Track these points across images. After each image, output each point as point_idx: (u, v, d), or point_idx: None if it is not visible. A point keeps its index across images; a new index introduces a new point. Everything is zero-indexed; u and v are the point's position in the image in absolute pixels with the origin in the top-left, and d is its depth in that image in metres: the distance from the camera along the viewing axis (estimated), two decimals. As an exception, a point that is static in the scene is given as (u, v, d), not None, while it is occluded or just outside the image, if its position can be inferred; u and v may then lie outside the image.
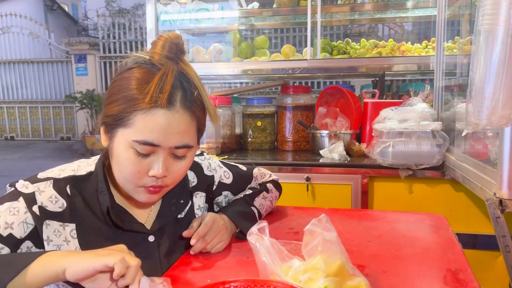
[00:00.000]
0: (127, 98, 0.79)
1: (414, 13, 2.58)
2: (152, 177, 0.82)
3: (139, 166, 0.81)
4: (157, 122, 0.78)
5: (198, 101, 0.84)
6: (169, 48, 0.82)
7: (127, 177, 0.83)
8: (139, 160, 0.80)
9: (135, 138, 0.79)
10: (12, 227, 0.78)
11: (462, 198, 1.76)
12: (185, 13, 2.53)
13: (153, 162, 0.81)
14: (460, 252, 0.96)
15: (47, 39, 10.94)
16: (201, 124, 0.86)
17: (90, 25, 15.26)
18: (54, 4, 15.64)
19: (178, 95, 0.80)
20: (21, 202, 0.80)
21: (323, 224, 0.72)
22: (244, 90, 3.02)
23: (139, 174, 0.82)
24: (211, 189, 1.10)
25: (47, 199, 0.83)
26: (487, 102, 1.01)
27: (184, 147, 0.83)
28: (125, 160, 0.81)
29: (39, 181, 0.84)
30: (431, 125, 1.73)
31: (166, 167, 0.82)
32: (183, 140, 0.82)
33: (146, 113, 0.78)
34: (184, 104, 0.81)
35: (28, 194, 0.82)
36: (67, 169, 0.89)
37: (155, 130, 0.78)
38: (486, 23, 1.01)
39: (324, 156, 2.00)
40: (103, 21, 10.51)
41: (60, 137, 11.11)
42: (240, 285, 0.65)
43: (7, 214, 0.78)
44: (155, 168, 0.81)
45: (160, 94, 0.78)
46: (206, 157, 1.13)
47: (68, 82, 10.93)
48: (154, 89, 0.78)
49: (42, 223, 0.81)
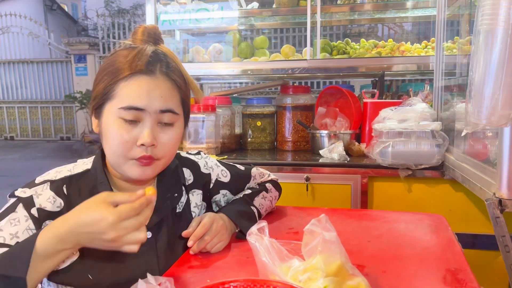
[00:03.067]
0: (110, 73, 0.84)
1: (414, 13, 2.58)
2: (141, 147, 0.84)
3: (127, 136, 0.83)
4: (139, 86, 0.83)
5: (177, 72, 0.89)
6: (148, 34, 0.89)
7: (117, 150, 0.84)
8: (127, 129, 0.83)
9: (120, 106, 0.83)
10: (18, 236, 0.80)
11: (461, 198, 1.76)
12: (184, 13, 2.53)
13: (141, 131, 0.84)
14: (459, 252, 0.96)
15: (47, 39, 10.94)
16: (184, 95, 0.90)
17: (89, 25, 15.25)
18: (54, 4, 15.63)
19: (157, 64, 0.85)
20: (19, 212, 0.82)
21: (323, 224, 0.72)
22: (244, 90, 3.03)
23: (128, 144, 0.83)
24: (208, 187, 1.10)
25: (45, 200, 0.85)
26: (486, 102, 1.01)
27: (169, 112, 0.86)
28: (114, 132, 0.83)
29: (36, 185, 0.87)
30: (431, 125, 1.73)
31: (153, 135, 0.84)
32: (167, 105, 0.85)
33: (128, 80, 0.83)
34: (163, 71, 0.86)
35: (26, 198, 0.84)
36: (63, 170, 0.92)
37: (138, 94, 0.83)
38: (485, 23, 1.01)
39: (323, 156, 2.00)
40: (103, 21, 10.50)
41: (60, 137, 11.09)
42: (239, 285, 0.65)
43: (8, 227, 0.80)
44: (143, 136, 0.83)
45: (139, 62, 0.83)
46: (203, 156, 1.14)
47: (68, 82, 10.92)
48: (133, 58, 0.84)
49: (42, 224, 0.83)
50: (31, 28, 10.90)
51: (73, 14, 17.56)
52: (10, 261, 0.71)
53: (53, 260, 0.73)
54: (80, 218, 0.71)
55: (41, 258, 0.71)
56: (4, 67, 11.19)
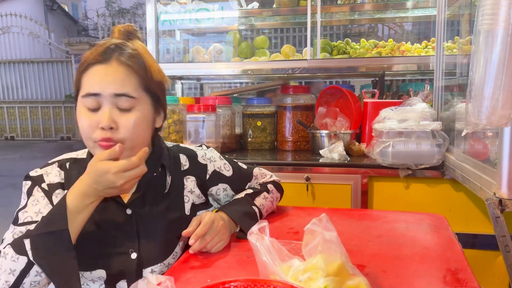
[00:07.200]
0: (78, 67, 0.94)
1: (414, 13, 2.58)
2: (102, 130, 0.90)
3: (89, 120, 0.91)
4: (94, 74, 0.91)
5: (138, 61, 0.94)
6: (122, 33, 0.98)
7: (84, 135, 0.93)
8: (89, 115, 0.91)
9: (81, 94, 0.91)
10: (41, 212, 0.92)
11: (461, 198, 1.76)
12: (185, 13, 2.53)
13: (100, 115, 0.90)
14: (459, 251, 0.96)
15: (47, 39, 10.95)
16: (146, 81, 0.94)
17: (90, 25, 15.26)
18: (54, 4, 15.62)
19: (114, 54, 0.92)
20: (36, 195, 0.95)
21: (323, 223, 0.72)
22: (244, 90, 3.03)
23: (90, 128, 0.91)
24: (203, 177, 1.11)
25: (53, 176, 0.99)
26: (486, 102, 1.01)
27: (124, 96, 0.91)
28: (81, 119, 0.92)
29: (47, 166, 1.01)
30: (431, 125, 1.73)
31: (111, 117, 0.90)
32: (122, 89, 0.91)
33: (88, 71, 0.91)
34: (118, 59, 0.92)
35: (37, 176, 0.98)
36: (72, 153, 1.06)
37: (93, 81, 0.91)
38: (485, 23, 1.01)
39: (324, 156, 2.00)
40: (103, 21, 10.53)
41: (60, 137, 11.10)
42: (240, 285, 0.65)
43: (32, 207, 0.94)
44: (101, 119, 0.90)
45: (96, 53, 0.92)
46: (203, 148, 1.18)
47: (68, 82, 10.93)
48: (93, 51, 0.92)
49: (51, 195, 0.96)
50: (32, 28, 10.91)
51: (74, 14, 17.56)
52: (50, 221, 0.85)
53: (84, 213, 0.87)
54: (90, 175, 0.86)
55: (74, 213, 0.85)
56: (5, 67, 11.20)
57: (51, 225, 0.84)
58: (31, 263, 0.82)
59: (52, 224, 0.84)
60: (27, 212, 0.93)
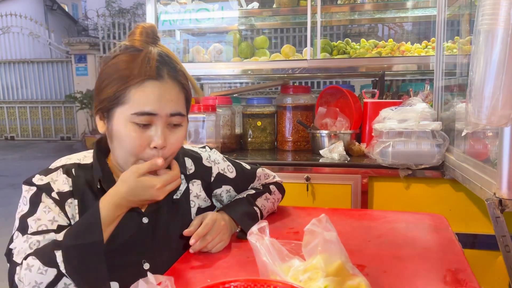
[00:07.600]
0: (120, 78, 0.87)
1: (414, 13, 2.58)
2: (153, 149, 0.88)
3: (140, 140, 0.87)
4: (151, 92, 0.86)
5: (182, 74, 0.92)
6: (146, 34, 0.91)
7: (130, 152, 0.88)
8: (139, 133, 0.87)
9: (133, 111, 0.86)
10: (56, 220, 0.88)
11: (461, 198, 1.76)
12: (185, 13, 2.53)
13: (153, 134, 0.88)
14: (459, 252, 0.96)
15: (47, 39, 10.94)
16: (188, 95, 0.95)
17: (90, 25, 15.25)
18: (54, 4, 15.61)
19: (164, 69, 0.88)
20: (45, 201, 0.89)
21: (323, 224, 0.72)
22: (244, 90, 3.03)
23: (140, 147, 0.88)
24: (208, 179, 1.11)
25: (61, 184, 0.92)
26: (486, 102, 1.01)
27: (178, 115, 0.90)
28: (127, 136, 0.87)
29: (52, 172, 0.94)
30: (431, 125, 1.73)
31: (165, 137, 0.88)
32: (177, 108, 0.90)
33: (140, 86, 0.86)
34: (171, 75, 0.89)
35: (44, 185, 0.91)
36: (73, 157, 0.99)
37: (150, 100, 0.86)
38: (485, 23, 1.01)
39: (324, 156, 2.00)
40: (103, 21, 10.50)
41: (60, 137, 11.09)
42: (240, 285, 0.65)
43: (44, 215, 0.88)
44: (156, 139, 0.87)
45: (149, 67, 0.86)
46: (207, 150, 1.16)
47: (68, 82, 10.91)
48: (142, 64, 0.86)
49: (64, 205, 0.90)
50: (32, 28, 10.90)
51: (74, 14, 17.55)
52: (84, 232, 0.82)
53: (113, 224, 0.87)
54: (128, 188, 0.85)
55: (106, 224, 0.84)
56: (5, 67, 11.18)
57: (86, 237, 0.81)
58: (60, 275, 0.78)
59: (87, 235, 0.82)
60: (40, 220, 0.87)
